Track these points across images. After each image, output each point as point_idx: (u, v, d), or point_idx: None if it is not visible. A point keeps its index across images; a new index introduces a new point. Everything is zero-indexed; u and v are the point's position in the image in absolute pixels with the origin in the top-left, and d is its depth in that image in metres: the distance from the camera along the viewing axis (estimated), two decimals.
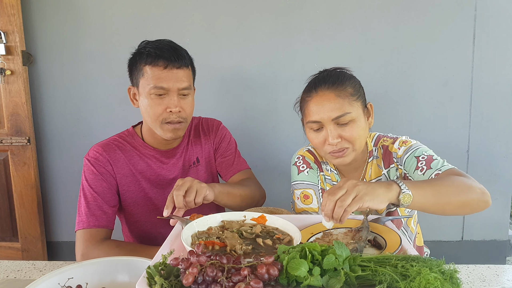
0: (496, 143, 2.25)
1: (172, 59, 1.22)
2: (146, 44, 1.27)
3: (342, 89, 1.16)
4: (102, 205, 1.25)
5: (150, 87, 1.22)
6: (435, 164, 1.14)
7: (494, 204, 2.28)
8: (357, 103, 1.17)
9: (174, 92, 1.23)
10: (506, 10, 2.13)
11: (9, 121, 2.26)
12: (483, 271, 1.06)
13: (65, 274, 0.85)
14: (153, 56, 1.21)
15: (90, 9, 2.22)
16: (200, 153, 1.43)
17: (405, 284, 0.64)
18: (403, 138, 1.27)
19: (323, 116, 1.15)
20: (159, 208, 1.35)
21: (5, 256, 2.39)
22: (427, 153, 1.19)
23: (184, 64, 1.25)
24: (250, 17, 2.19)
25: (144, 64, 1.23)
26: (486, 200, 1.01)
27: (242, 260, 0.68)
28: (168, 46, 1.25)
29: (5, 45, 2.17)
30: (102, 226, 1.24)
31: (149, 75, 1.22)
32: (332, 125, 1.15)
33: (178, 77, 1.23)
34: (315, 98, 1.17)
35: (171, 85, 1.22)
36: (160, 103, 1.23)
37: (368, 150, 1.30)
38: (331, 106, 1.14)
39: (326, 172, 1.35)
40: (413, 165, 1.18)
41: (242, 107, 2.26)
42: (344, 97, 1.15)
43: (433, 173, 1.13)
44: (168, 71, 1.22)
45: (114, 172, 1.30)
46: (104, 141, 1.34)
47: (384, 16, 2.15)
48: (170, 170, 1.37)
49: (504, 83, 2.19)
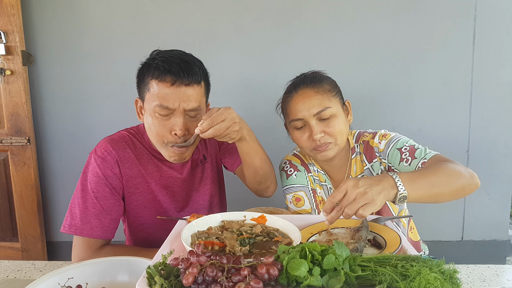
0: (496, 143, 2.25)
1: (181, 75, 1.08)
2: (156, 54, 1.15)
3: (320, 86, 1.23)
4: (99, 214, 1.16)
5: (154, 104, 1.10)
6: (418, 153, 1.17)
7: (494, 204, 2.31)
8: (336, 99, 1.24)
9: (181, 113, 1.11)
10: (506, 10, 2.13)
11: (9, 121, 2.26)
12: (483, 271, 1.06)
13: (65, 274, 0.85)
14: (160, 70, 1.09)
15: (90, 9, 2.22)
16: (205, 150, 1.37)
17: (405, 284, 0.64)
18: (382, 132, 1.31)
19: (305, 113, 1.21)
20: (167, 212, 1.29)
21: (5, 256, 2.39)
22: (408, 144, 1.22)
23: (195, 81, 1.11)
24: (250, 17, 2.19)
25: (151, 78, 1.11)
26: (476, 182, 1.05)
27: (242, 260, 0.68)
28: (179, 59, 1.11)
29: (5, 45, 2.17)
30: (95, 236, 1.15)
31: (155, 91, 1.10)
32: (315, 121, 1.21)
33: (186, 96, 1.10)
34: (296, 97, 1.24)
35: (177, 105, 1.09)
36: (164, 124, 1.12)
37: (350, 147, 1.34)
38: (312, 103, 1.21)
39: (314, 173, 1.37)
40: (397, 157, 1.22)
41: (242, 107, 2.26)
42: (323, 93, 1.22)
43: (419, 162, 1.15)
44: (175, 89, 1.09)
45: (121, 174, 1.21)
46: (113, 136, 1.25)
47: (384, 16, 2.15)
48: (180, 171, 1.30)
49: (504, 83, 2.19)
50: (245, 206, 1.42)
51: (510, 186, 2.29)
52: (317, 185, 1.36)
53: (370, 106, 2.23)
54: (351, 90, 2.18)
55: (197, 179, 1.35)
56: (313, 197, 1.33)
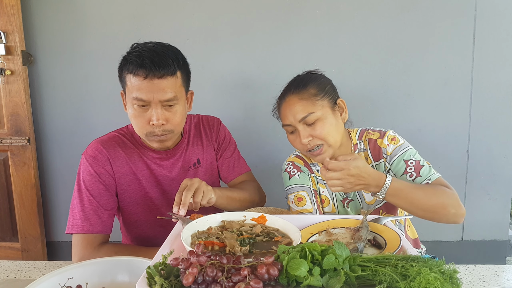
0: (496, 143, 2.25)
1: (153, 69, 1.11)
2: (133, 48, 1.18)
3: (304, 91, 1.25)
4: (97, 209, 1.21)
5: (132, 97, 1.15)
6: (423, 171, 1.23)
7: (494, 204, 2.31)
8: (322, 102, 1.25)
9: (157, 104, 1.14)
10: (506, 10, 2.13)
11: (9, 121, 2.26)
12: (483, 271, 1.07)
13: (65, 274, 0.86)
14: (134, 64, 1.12)
15: (90, 9, 2.22)
16: (201, 154, 1.40)
17: (405, 284, 0.64)
18: (391, 134, 1.32)
19: (291, 119, 1.25)
20: (159, 208, 1.34)
21: (5, 256, 2.39)
22: (415, 158, 1.26)
23: (169, 73, 1.14)
24: (250, 17, 2.19)
25: (127, 72, 1.15)
26: (461, 213, 1.14)
27: (242, 260, 0.68)
28: (152, 52, 1.13)
29: (5, 45, 2.17)
30: (96, 232, 1.20)
31: (131, 84, 1.14)
32: (302, 126, 1.24)
33: (159, 88, 1.13)
34: (283, 105, 1.28)
35: (151, 97, 1.13)
36: (142, 115, 1.17)
37: (352, 144, 1.35)
38: (296, 109, 1.24)
39: (317, 173, 1.39)
40: (402, 169, 1.26)
41: (242, 107, 2.26)
42: (307, 99, 1.24)
43: (423, 181, 1.23)
44: (148, 82, 1.12)
45: (113, 171, 1.26)
46: (103, 137, 1.30)
47: (384, 16, 2.15)
48: (169, 169, 1.33)
49: (504, 83, 2.19)
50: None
51: (510, 186, 2.29)
52: (321, 185, 1.38)
53: (370, 106, 2.23)
54: (351, 89, 2.19)
55: None
56: (314, 198, 1.35)
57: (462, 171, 2.27)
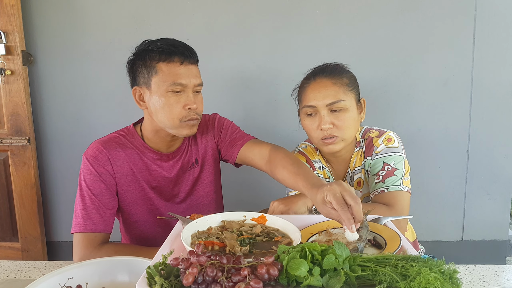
0: (496, 143, 2.25)
1: (187, 55, 1.21)
2: (150, 42, 1.24)
3: (338, 78, 1.25)
4: (99, 208, 1.22)
5: (167, 84, 1.19)
6: (389, 180, 1.21)
7: (494, 204, 2.31)
8: (352, 94, 1.25)
9: (190, 89, 1.23)
10: (506, 10, 2.13)
11: (9, 121, 2.26)
12: (483, 271, 1.06)
13: (65, 274, 0.85)
14: (167, 53, 1.20)
15: (90, 9, 2.22)
16: (197, 153, 1.40)
17: (405, 284, 0.63)
18: (390, 135, 1.30)
19: (318, 101, 1.23)
20: (159, 209, 1.34)
21: (5, 256, 2.39)
22: (395, 165, 1.23)
23: (196, 60, 1.26)
24: (250, 17, 2.19)
25: (157, 61, 1.20)
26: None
27: (242, 260, 0.68)
28: (180, 42, 1.25)
29: (5, 45, 2.17)
30: (98, 230, 1.21)
31: (165, 72, 1.20)
32: (326, 111, 1.23)
33: (193, 73, 1.23)
34: (312, 85, 1.26)
35: (188, 81, 1.21)
36: (178, 101, 1.21)
37: (356, 141, 1.36)
38: (326, 93, 1.22)
39: (319, 170, 1.39)
40: (376, 169, 1.25)
41: (242, 107, 2.26)
42: (340, 86, 1.23)
43: (381, 188, 1.21)
44: (185, 67, 1.21)
45: (114, 171, 1.27)
46: (104, 138, 1.31)
47: (384, 16, 2.15)
48: (169, 171, 1.34)
49: (504, 83, 2.19)
50: (245, 206, 1.42)
51: (510, 186, 2.29)
52: None
53: (370, 106, 2.20)
54: None
55: (187, 181, 1.38)
56: None
57: (462, 171, 2.27)
